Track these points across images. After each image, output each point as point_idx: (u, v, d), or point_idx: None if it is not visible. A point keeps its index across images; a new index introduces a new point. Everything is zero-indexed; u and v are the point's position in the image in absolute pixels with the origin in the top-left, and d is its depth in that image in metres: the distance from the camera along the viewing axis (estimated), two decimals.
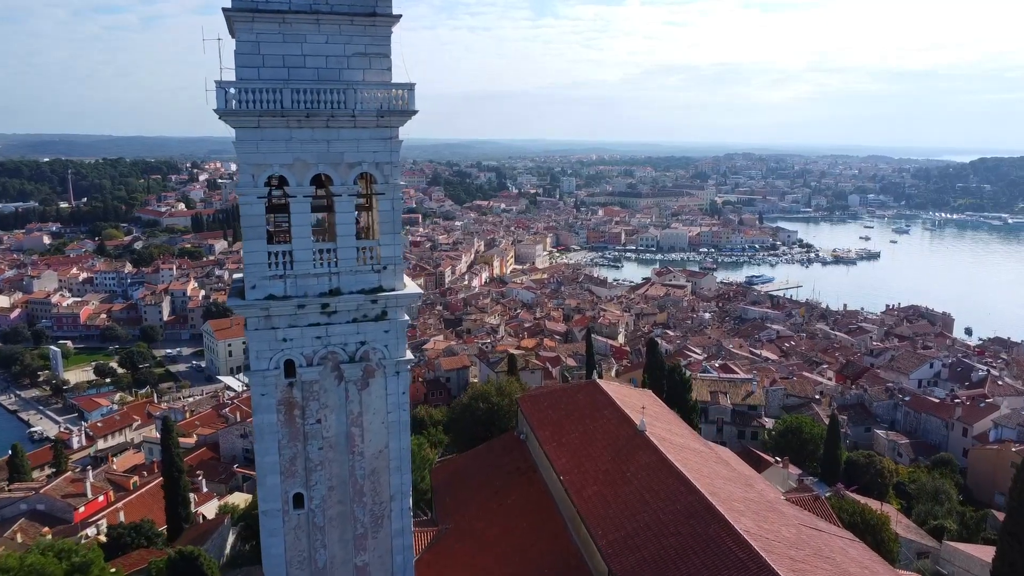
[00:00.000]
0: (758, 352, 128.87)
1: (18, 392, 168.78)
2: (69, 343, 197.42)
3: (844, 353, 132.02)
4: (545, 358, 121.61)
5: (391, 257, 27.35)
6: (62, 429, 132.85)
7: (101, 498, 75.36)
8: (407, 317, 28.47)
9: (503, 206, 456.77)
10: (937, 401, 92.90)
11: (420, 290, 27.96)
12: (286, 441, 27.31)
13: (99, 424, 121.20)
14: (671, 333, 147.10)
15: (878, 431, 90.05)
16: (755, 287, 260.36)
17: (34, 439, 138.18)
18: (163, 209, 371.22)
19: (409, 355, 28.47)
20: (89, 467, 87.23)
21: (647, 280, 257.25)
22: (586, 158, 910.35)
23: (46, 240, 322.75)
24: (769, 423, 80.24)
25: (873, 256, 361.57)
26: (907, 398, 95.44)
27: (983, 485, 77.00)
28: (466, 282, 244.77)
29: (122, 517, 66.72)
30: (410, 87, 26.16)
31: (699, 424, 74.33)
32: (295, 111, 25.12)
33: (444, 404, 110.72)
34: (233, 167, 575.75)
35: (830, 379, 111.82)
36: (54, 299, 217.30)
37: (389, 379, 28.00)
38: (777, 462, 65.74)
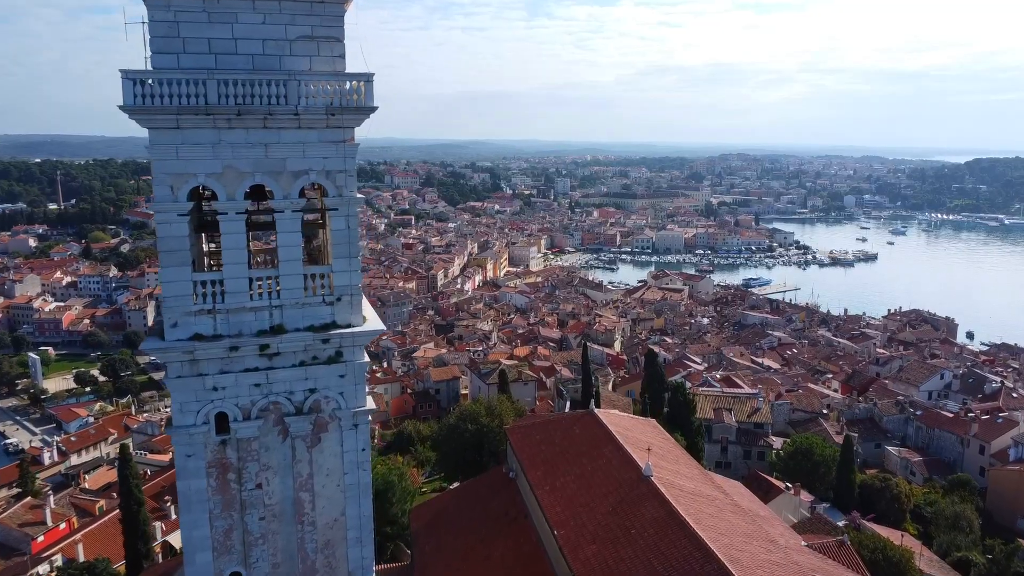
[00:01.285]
0: (759, 361, 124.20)
1: None
2: (51, 350, 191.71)
3: (848, 361, 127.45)
4: (539, 368, 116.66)
5: (347, 286, 22.46)
6: (32, 443, 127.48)
7: (63, 525, 70.24)
8: (367, 358, 23.58)
9: (497, 207, 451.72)
10: (951, 416, 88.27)
11: (382, 326, 23.12)
12: (219, 511, 22.38)
13: (72, 439, 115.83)
14: (669, 340, 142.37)
15: (889, 448, 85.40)
16: (752, 290, 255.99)
17: (9, 452, 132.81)
18: (151, 211, 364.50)
19: (370, 403, 23.57)
20: (50, 493, 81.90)
21: (643, 283, 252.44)
22: (581, 158, 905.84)
23: (32, 243, 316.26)
24: (776, 442, 75.50)
25: (871, 258, 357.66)
26: (919, 412, 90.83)
27: (1004, 509, 72.39)
28: (459, 285, 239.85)
29: (81, 550, 61.60)
30: (367, 78, 21.28)
31: (703, 445, 69.71)
32: (224, 107, 20.25)
33: (433, 417, 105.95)
34: None
35: (836, 390, 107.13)
36: (36, 304, 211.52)
37: (346, 433, 23.11)
38: (788, 488, 60.99)
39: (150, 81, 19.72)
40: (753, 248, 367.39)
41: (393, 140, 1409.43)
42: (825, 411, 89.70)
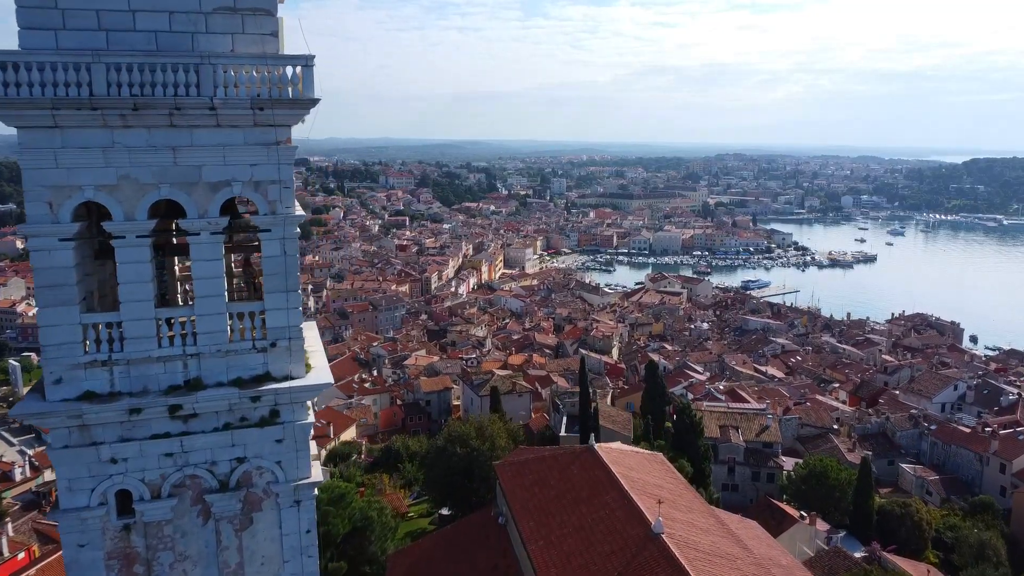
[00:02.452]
0: (763, 370, 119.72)
1: None
2: (34, 356, 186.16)
3: (854, 370, 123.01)
4: (534, 378, 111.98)
5: (284, 328, 17.68)
6: (3, 457, 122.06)
7: (22, 555, 65.23)
8: (311, 416, 18.83)
9: (492, 208, 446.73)
10: (968, 431, 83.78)
11: (329, 377, 18.35)
12: None
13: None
14: (669, 347, 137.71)
15: (904, 465, 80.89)
16: (751, 292, 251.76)
17: None
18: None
19: (317, 474, 18.81)
20: (8, 521, 76.68)
21: (640, 286, 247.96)
22: (576, 159, 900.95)
23: (19, 244, 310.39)
24: (787, 463, 70.87)
25: (870, 259, 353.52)
26: (933, 427, 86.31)
27: None
28: (453, 288, 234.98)
29: None
30: (306, 61, 16.52)
31: (710, 468, 65.03)
32: (116, 100, 15.48)
33: (424, 431, 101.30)
34: None
35: (844, 402, 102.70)
36: (20, 308, 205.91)
37: (285, 512, 18.33)
38: (803, 518, 56.38)
39: (17, 65, 14.97)
40: (751, 249, 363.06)
41: (389, 140, 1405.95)
42: (835, 426, 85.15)
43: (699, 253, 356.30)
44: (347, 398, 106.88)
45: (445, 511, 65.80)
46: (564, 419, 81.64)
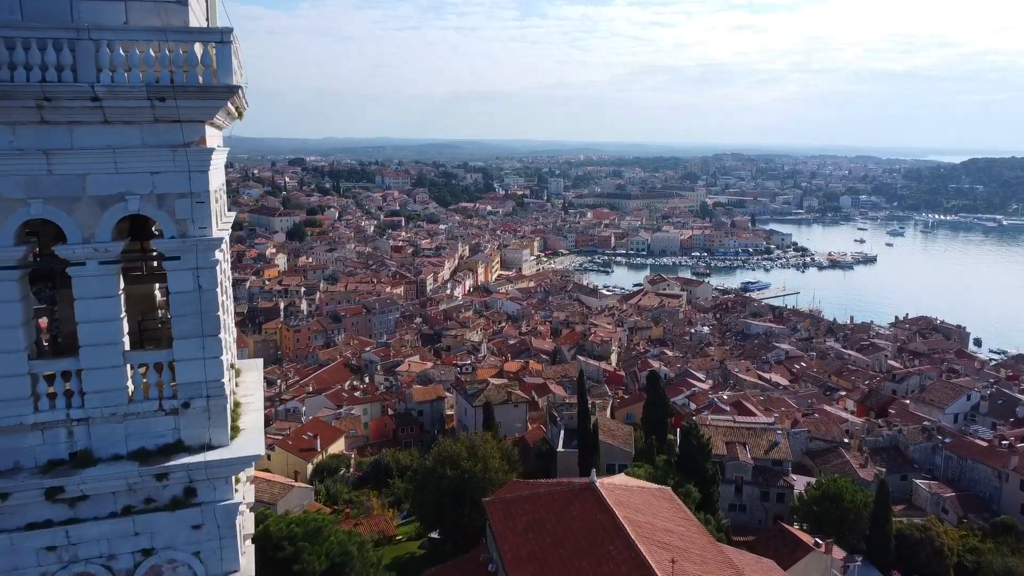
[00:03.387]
0: (767, 377, 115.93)
1: None
2: None
3: (861, 377, 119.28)
4: (531, 386, 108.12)
5: (199, 384, 13.72)
6: None
7: None
8: (243, 492, 14.90)
9: (489, 208, 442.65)
10: (985, 444, 79.98)
11: (261, 449, 14.36)
12: None
13: None
14: (669, 353, 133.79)
15: (918, 481, 77.07)
16: (752, 294, 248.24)
17: None
18: None
19: (248, 567, 14.87)
20: None
21: (639, 288, 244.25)
22: (574, 158, 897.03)
23: None
24: (798, 482, 67.02)
25: (870, 260, 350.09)
26: (947, 439, 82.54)
27: None
28: (448, 291, 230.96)
29: None
30: (221, 36, 12.60)
31: (719, 493, 61.11)
32: None
33: (415, 443, 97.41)
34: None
35: (852, 412, 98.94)
36: None
37: None
38: (817, 544, 52.56)
39: None
40: (750, 250, 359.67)
41: (386, 140, 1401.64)
42: (845, 439, 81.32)
43: (698, 254, 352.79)
44: (336, 408, 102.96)
45: (435, 535, 61.99)
46: (562, 432, 77.78)
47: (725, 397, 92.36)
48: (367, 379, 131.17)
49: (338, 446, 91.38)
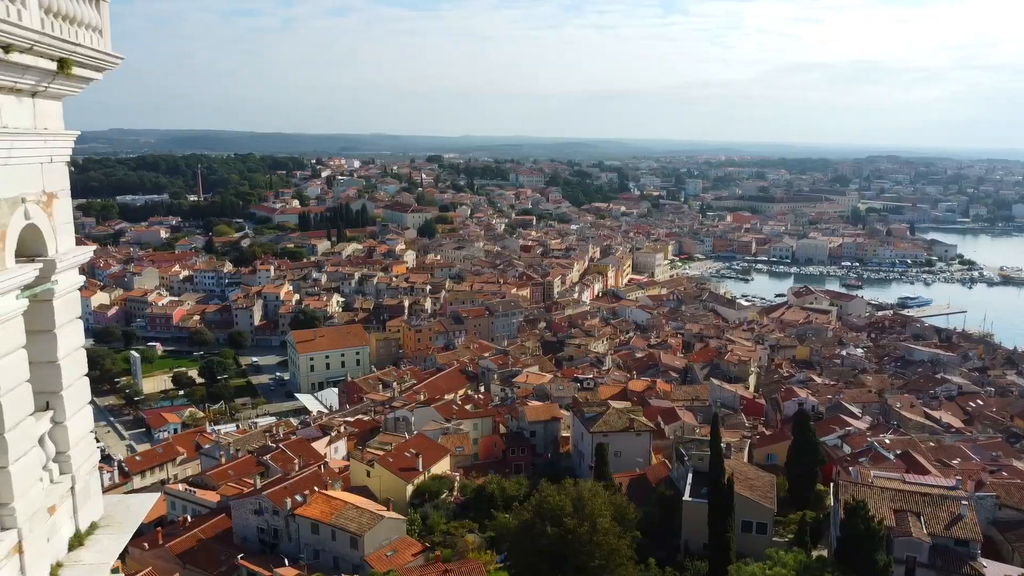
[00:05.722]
0: (935, 415, 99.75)
1: (95, 400, 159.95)
2: (159, 346, 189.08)
3: None
4: (657, 410, 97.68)
5: None
6: (107, 450, 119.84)
7: None
8: None
9: (623, 209, 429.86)
10: None
11: None
12: None
13: (137, 458, 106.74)
14: (817, 379, 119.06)
15: None
16: (910, 311, 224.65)
17: None
18: (276, 206, 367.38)
19: None
20: None
21: (782, 300, 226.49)
22: (714, 159, 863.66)
23: (163, 234, 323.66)
24: (990, 570, 53.26)
25: None
26: None
27: None
28: (575, 295, 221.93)
29: None
30: None
31: None
32: None
33: (526, 468, 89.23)
34: (357, 163, 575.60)
35: None
36: (151, 297, 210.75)
37: None
38: None
39: None
40: (908, 261, 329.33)
41: (523, 139, 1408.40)
42: None
43: (848, 264, 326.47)
44: (445, 421, 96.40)
45: None
46: (690, 475, 67.36)
47: (888, 442, 78.48)
48: (482, 388, 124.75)
49: (442, 466, 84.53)
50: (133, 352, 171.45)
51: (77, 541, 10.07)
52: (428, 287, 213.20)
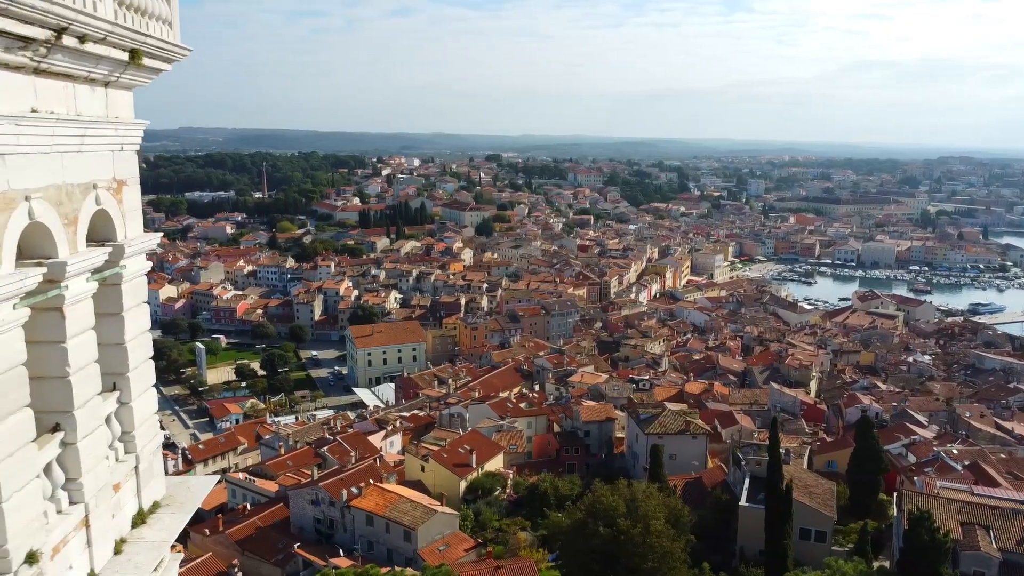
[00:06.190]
0: (1007, 426, 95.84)
1: (161, 389, 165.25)
2: (223, 338, 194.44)
3: None
4: (714, 413, 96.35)
5: None
6: (171, 437, 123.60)
7: None
8: None
9: (682, 209, 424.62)
10: None
11: None
12: None
13: (200, 447, 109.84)
14: (881, 386, 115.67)
15: None
16: (982, 318, 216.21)
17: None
18: (338, 203, 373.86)
19: None
20: None
21: (846, 304, 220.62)
22: (777, 159, 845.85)
23: (229, 230, 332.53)
24: None
25: None
26: None
27: None
28: (632, 295, 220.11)
29: None
30: None
31: None
32: None
33: (579, 468, 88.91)
34: (417, 162, 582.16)
35: None
36: (216, 291, 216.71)
37: None
38: None
39: None
40: (981, 266, 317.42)
41: (582, 138, 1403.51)
42: None
43: (916, 268, 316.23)
44: (499, 419, 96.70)
45: None
46: (747, 480, 66.19)
47: (956, 452, 75.76)
48: (537, 387, 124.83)
49: (495, 463, 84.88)
50: (198, 344, 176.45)
51: (140, 519, 10.38)
52: (485, 285, 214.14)
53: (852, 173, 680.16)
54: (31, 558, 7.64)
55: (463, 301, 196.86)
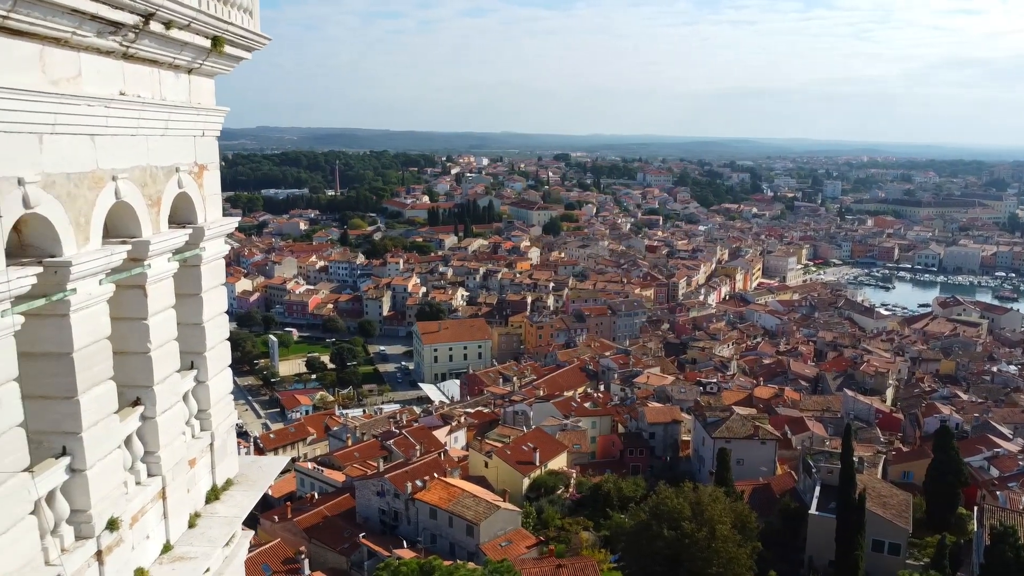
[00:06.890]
0: None
1: (235, 379, 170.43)
2: (295, 331, 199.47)
3: None
4: (784, 419, 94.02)
5: None
6: (244, 426, 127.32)
7: None
8: None
9: (755, 211, 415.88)
10: None
11: None
12: None
13: (271, 436, 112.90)
14: (963, 396, 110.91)
15: None
16: None
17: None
18: (407, 201, 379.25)
19: None
20: None
21: (926, 310, 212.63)
22: (855, 159, 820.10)
23: (302, 226, 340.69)
24: None
25: None
26: None
27: None
28: (701, 297, 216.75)
29: None
30: None
31: None
32: None
33: (643, 469, 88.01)
34: (486, 161, 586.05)
35: None
36: (289, 286, 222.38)
37: None
38: None
39: None
40: None
41: (652, 138, 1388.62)
42: None
43: (1002, 274, 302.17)
44: (563, 418, 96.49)
45: None
46: (817, 488, 64.44)
47: None
48: (602, 387, 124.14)
49: (559, 462, 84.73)
50: (271, 336, 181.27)
51: (213, 495, 10.70)
52: (551, 284, 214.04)
53: (935, 175, 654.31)
54: (112, 524, 7.95)
55: (529, 300, 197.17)
